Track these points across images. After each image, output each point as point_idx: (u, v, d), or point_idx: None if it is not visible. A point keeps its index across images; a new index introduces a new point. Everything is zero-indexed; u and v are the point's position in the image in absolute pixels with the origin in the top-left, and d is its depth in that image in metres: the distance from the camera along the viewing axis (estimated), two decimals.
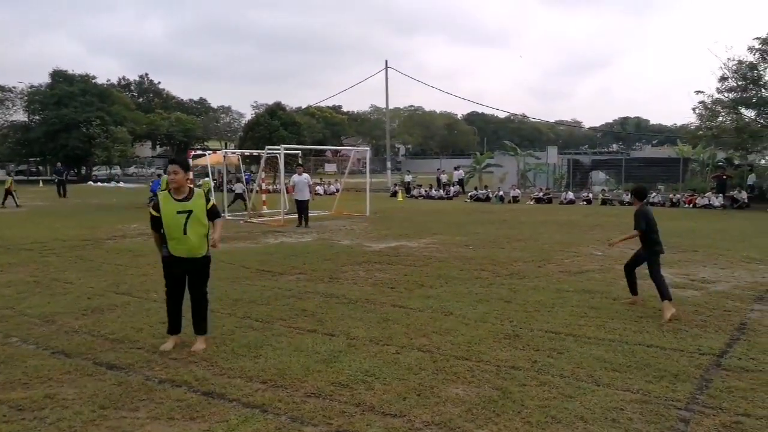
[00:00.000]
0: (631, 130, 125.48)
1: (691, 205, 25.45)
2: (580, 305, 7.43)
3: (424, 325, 6.57)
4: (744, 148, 26.96)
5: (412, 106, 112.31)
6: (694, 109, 27.41)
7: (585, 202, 27.75)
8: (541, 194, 29.53)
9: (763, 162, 32.75)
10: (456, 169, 37.85)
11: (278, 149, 19.37)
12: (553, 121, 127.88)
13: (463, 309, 7.24)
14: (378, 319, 6.78)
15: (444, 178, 36.99)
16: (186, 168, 5.54)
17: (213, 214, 5.72)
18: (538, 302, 7.60)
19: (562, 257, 11.34)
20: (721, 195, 25.24)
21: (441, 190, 33.56)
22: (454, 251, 12.09)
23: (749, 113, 26.35)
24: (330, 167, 68.17)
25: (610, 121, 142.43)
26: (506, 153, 40.09)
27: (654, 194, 27.31)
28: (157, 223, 5.59)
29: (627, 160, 35.23)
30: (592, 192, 30.14)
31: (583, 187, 32.75)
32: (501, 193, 30.05)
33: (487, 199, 30.03)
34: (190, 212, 5.54)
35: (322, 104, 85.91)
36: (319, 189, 36.73)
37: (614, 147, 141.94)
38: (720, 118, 26.80)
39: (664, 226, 17.72)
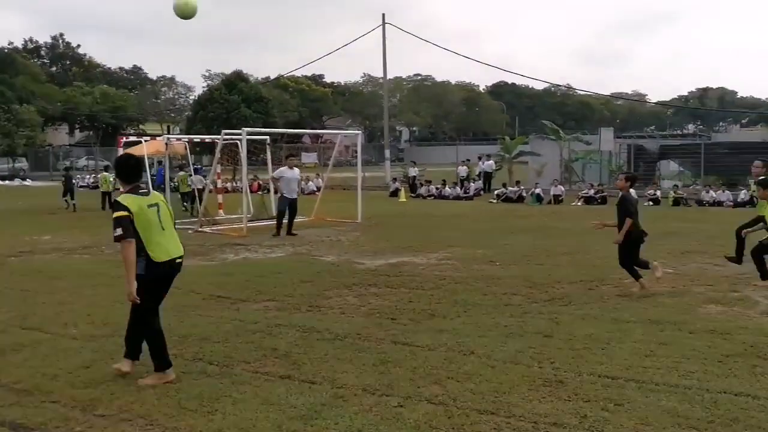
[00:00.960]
0: (712, 106, 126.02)
1: None
2: (645, 340, 7.47)
3: (436, 368, 6.60)
4: None
5: (418, 75, 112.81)
6: None
7: (651, 202, 27.86)
8: (592, 192, 29.68)
9: None
10: (481, 159, 38.01)
11: (239, 134, 19.43)
12: (608, 94, 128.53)
13: (488, 346, 7.27)
14: (374, 361, 6.80)
15: (463, 171, 37.14)
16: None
17: None
18: (588, 337, 7.63)
19: (620, 276, 11.36)
20: None
21: (458, 187, 33.69)
22: (475, 269, 12.13)
23: None
24: (309, 157, 68.40)
25: (685, 93, 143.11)
26: (545, 137, 40.21)
27: (744, 191, 27.39)
28: (129, 227, 6.00)
29: (708, 146, 35.40)
30: (660, 188, 30.26)
31: (648, 182, 32.86)
32: (538, 190, 30.21)
33: (520, 198, 30.15)
34: (157, 205, 6.36)
35: (298, 73, 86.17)
36: None
37: (690, 128, 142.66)
38: None
39: (756, 234, 17.78)
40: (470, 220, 21.27)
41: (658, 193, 28.74)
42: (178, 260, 6.43)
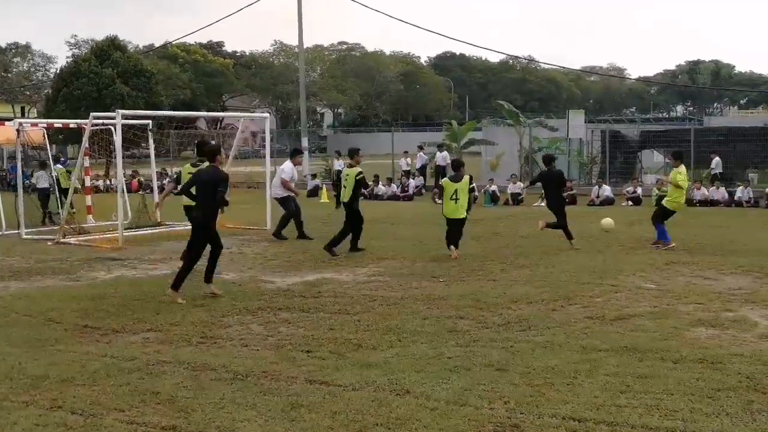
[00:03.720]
0: (705, 82, 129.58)
1: None
2: (620, 373, 7.63)
3: (362, 412, 6.60)
4: None
5: (344, 43, 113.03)
6: None
7: (630, 202, 28.54)
8: None
9: None
10: (422, 148, 38.35)
11: (113, 117, 19.11)
12: (578, 68, 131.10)
13: (428, 384, 7.31)
14: (283, 406, 6.78)
15: (405, 164, 37.38)
16: None
17: None
18: (550, 369, 7.76)
19: (591, 294, 11.59)
20: None
21: (394, 185, 33.89)
22: (413, 287, 12.21)
23: None
24: None
25: (672, 68, 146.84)
26: (501, 121, 40.83)
27: (741, 187, 28.31)
28: None
29: (699, 132, 36.43)
30: (642, 185, 31.03)
31: (627, 176, 33.65)
32: (493, 188, 30.60)
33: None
34: None
35: (191, 39, 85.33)
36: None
37: (679, 110, 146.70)
38: None
39: (755, 239, 18.38)
40: (409, 226, 21.39)
41: (639, 190, 29.44)
42: None
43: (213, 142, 17.47)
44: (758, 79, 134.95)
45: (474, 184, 17.61)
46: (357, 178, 16.06)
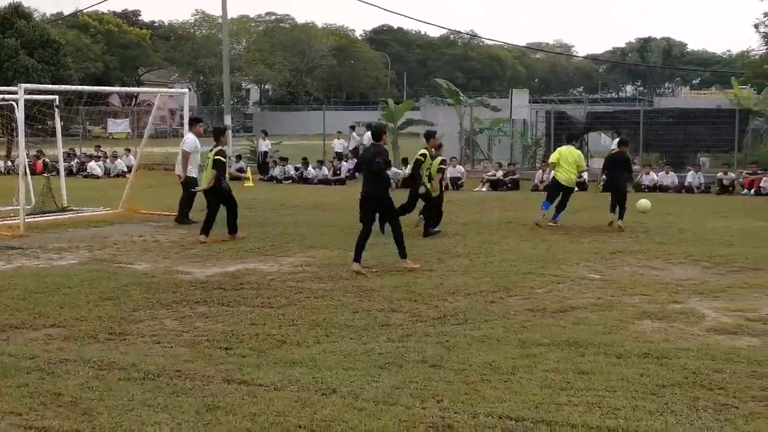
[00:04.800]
0: (655, 61, 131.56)
1: (753, 191, 27.13)
2: (561, 369, 7.71)
3: (284, 414, 6.57)
4: None
5: (272, 14, 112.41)
6: (756, 26, 29.22)
7: (577, 188, 28.79)
8: (500, 174, 30.42)
9: None
10: (355, 129, 38.32)
11: (15, 92, 18.73)
12: (523, 44, 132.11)
13: (356, 382, 7.30)
14: (198, 407, 6.71)
15: (339, 145, 37.34)
16: None
17: None
18: (487, 365, 7.80)
19: (532, 285, 11.70)
20: None
21: (325, 168, 33.80)
22: (344, 279, 12.20)
23: None
24: (118, 126, 66.78)
25: (622, 45, 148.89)
26: (441, 100, 41.01)
27: (692, 172, 28.82)
28: None
29: (648, 113, 37.00)
30: (588, 169, 31.37)
31: None
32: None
33: (407, 182, 30.48)
34: None
35: (103, 8, 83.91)
36: (97, 168, 35.96)
37: (628, 90, 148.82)
38: None
39: (705, 227, 18.81)
40: (340, 212, 21.32)
41: (585, 175, 29.71)
42: None
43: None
44: (711, 58, 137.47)
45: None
46: (215, 158, 16.29)
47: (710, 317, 9.74)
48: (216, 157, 16.31)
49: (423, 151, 17.16)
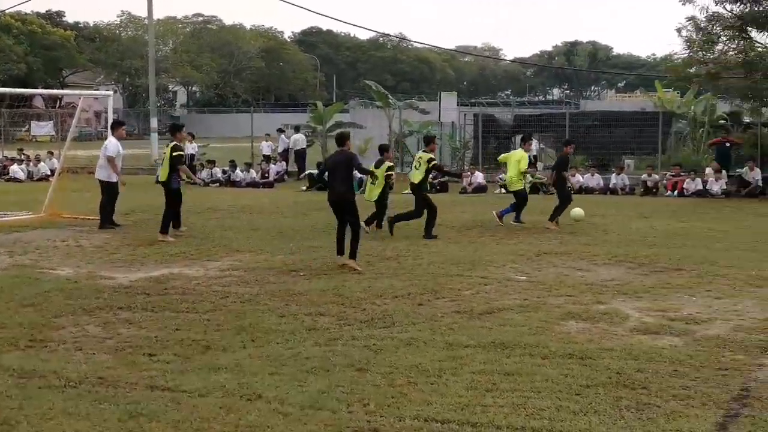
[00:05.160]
0: (581, 65, 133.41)
1: (676, 192, 27.61)
2: (487, 370, 7.77)
3: (208, 420, 6.52)
4: (757, 95, 29.72)
5: (199, 15, 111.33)
6: (679, 31, 29.69)
7: (503, 189, 29.03)
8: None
9: None
10: (284, 131, 38.12)
11: None
12: (452, 48, 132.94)
13: (282, 387, 7.28)
14: (120, 415, 6.63)
15: (267, 148, 37.13)
16: None
17: None
18: (414, 368, 7.83)
19: (459, 286, 11.78)
20: (723, 174, 27.60)
21: (253, 170, 33.59)
22: (271, 282, 12.15)
23: (764, 38, 29.05)
24: (41, 128, 65.48)
25: (549, 48, 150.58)
26: (370, 103, 41.03)
27: (615, 174, 29.23)
28: None
29: (574, 116, 37.50)
30: (532, 171, 31.65)
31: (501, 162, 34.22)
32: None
33: None
34: None
35: (26, 8, 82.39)
36: (19, 172, 35.28)
37: (555, 93, 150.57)
38: (720, 46, 29.32)
39: (630, 228, 19.15)
40: (268, 216, 21.24)
41: (530, 177, 30.01)
42: None
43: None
44: (636, 62, 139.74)
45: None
46: (172, 154, 17.03)
47: (633, 317, 9.90)
48: (174, 153, 16.91)
49: (431, 155, 17.80)
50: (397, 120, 37.12)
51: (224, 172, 33.28)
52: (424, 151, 18.27)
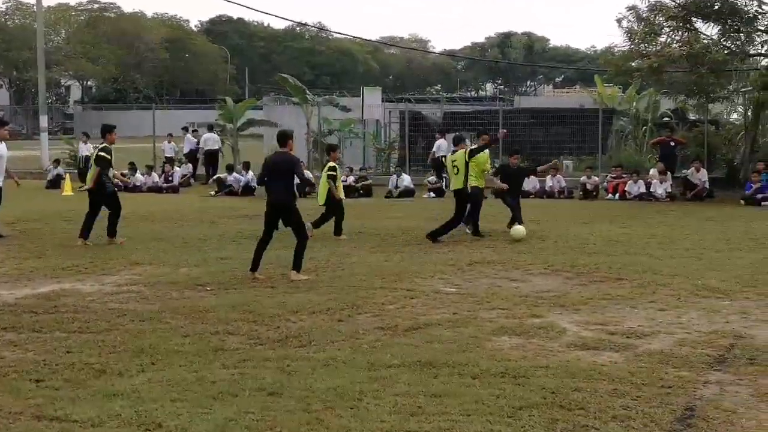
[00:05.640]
0: (516, 58, 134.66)
1: (617, 195, 28.00)
2: (412, 392, 7.75)
3: None
4: (703, 91, 30.21)
5: (96, 2, 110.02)
6: (620, 21, 30.15)
7: (433, 193, 29.27)
8: (351, 179, 30.50)
9: (734, 117, 37.08)
10: (188, 130, 37.86)
11: None
12: (376, 39, 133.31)
13: (185, 415, 7.18)
14: None
15: (170, 149, 36.81)
16: None
17: None
18: (332, 391, 7.79)
19: (383, 300, 11.77)
20: (668, 175, 28.00)
21: (155, 174, 33.25)
22: (174, 298, 12.03)
23: (710, 30, 29.64)
24: None
25: (481, 40, 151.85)
26: (285, 99, 40.89)
27: (551, 177, 29.49)
28: None
29: (507, 113, 37.82)
30: (446, 173, 31.80)
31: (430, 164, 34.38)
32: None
33: (248, 189, 30.31)
34: None
35: None
36: None
37: (488, 89, 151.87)
38: (663, 38, 29.82)
39: (567, 235, 19.35)
40: (172, 224, 21.04)
41: (443, 180, 30.12)
42: None
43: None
44: (574, 55, 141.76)
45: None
46: (97, 155, 17.36)
47: (571, 332, 10.00)
48: (98, 153, 17.09)
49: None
50: (316, 118, 37.07)
51: (123, 175, 32.80)
52: (454, 151, 18.57)
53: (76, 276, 13.81)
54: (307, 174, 16.56)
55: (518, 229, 17.91)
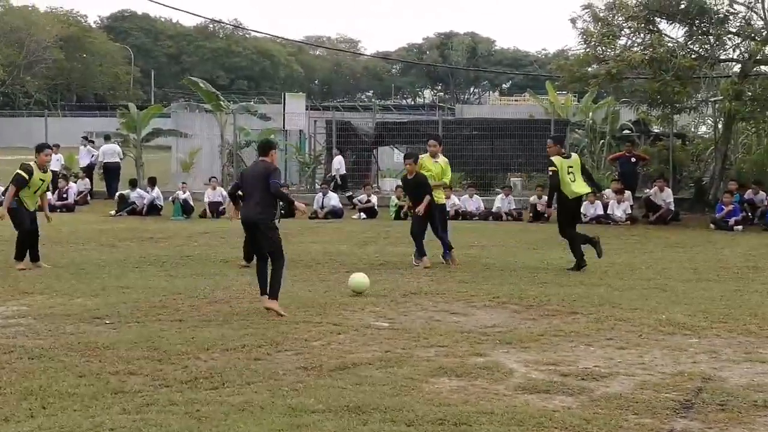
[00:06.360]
0: (458, 61, 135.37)
1: None
2: None
3: None
4: (667, 100, 30.55)
5: None
6: (573, 21, 30.39)
7: (363, 214, 29.27)
8: None
9: (703, 129, 37.58)
10: (86, 142, 37.48)
11: None
12: (298, 39, 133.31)
13: None
14: None
15: (56, 162, 36.41)
16: None
17: None
18: None
19: (307, 336, 11.73)
20: (628, 195, 28.19)
21: (48, 192, 32.86)
22: (68, 333, 11.89)
23: (675, 32, 30.02)
24: None
25: (419, 41, 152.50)
26: (196, 106, 40.74)
27: (501, 196, 29.66)
28: None
29: (448, 124, 38.06)
30: (378, 192, 31.94)
31: (360, 180, 34.47)
32: (185, 195, 30.39)
33: (154, 208, 30.10)
34: None
35: None
36: None
37: (427, 96, 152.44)
38: (623, 41, 30.13)
39: (516, 262, 19.46)
40: (66, 247, 20.86)
41: (375, 199, 30.21)
42: None
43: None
44: (523, 59, 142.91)
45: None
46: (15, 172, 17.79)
47: (519, 372, 9.98)
48: (17, 171, 17.59)
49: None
50: (231, 127, 36.96)
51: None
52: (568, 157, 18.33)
53: None
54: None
55: (356, 279, 15.17)
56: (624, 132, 35.21)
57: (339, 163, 31.79)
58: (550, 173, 17.73)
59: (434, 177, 18.43)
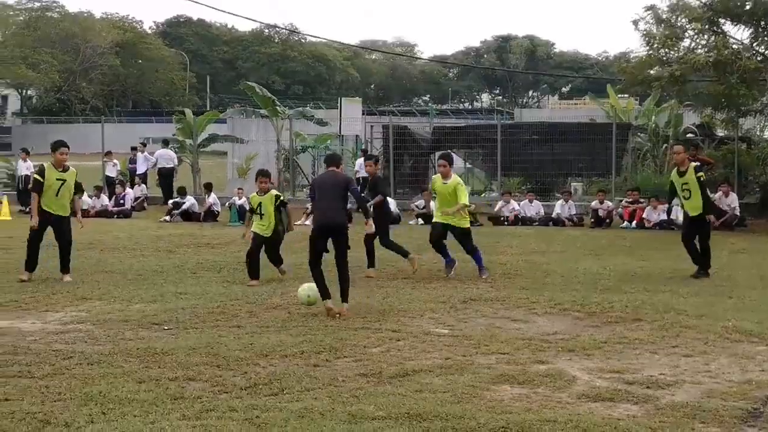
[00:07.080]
0: (516, 64, 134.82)
1: (634, 223, 27.98)
2: None
3: None
4: (732, 103, 30.04)
5: (36, 0, 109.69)
6: (636, 23, 30.13)
7: (421, 220, 29.21)
8: None
9: None
10: (141, 149, 37.77)
11: None
12: (355, 43, 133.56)
13: None
14: None
15: (111, 168, 36.80)
16: None
17: None
18: None
19: (365, 343, 11.73)
20: None
21: (105, 196, 33.19)
22: (127, 338, 11.99)
23: (740, 33, 29.69)
24: None
25: (476, 44, 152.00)
26: (252, 112, 40.88)
27: (561, 201, 29.47)
28: None
29: (507, 129, 37.83)
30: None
31: (417, 186, 34.38)
32: (242, 201, 30.53)
33: (210, 214, 30.26)
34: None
35: None
36: None
37: (484, 100, 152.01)
38: (686, 43, 29.85)
39: (577, 269, 19.28)
40: (123, 253, 21.01)
41: (434, 204, 30.10)
42: None
43: None
44: (584, 61, 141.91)
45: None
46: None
47: (582, 380, 9.94)
48: (34, 176, 17.37)
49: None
50: (287, 132, 37.03)
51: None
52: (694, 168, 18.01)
53: (16, 312, 13.76)
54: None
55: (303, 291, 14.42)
56: (687, 135, 34.71)
57: (359, 166, 31.58)
58: (702, 179, 17.73)
59: (444, 200, 18.00)
